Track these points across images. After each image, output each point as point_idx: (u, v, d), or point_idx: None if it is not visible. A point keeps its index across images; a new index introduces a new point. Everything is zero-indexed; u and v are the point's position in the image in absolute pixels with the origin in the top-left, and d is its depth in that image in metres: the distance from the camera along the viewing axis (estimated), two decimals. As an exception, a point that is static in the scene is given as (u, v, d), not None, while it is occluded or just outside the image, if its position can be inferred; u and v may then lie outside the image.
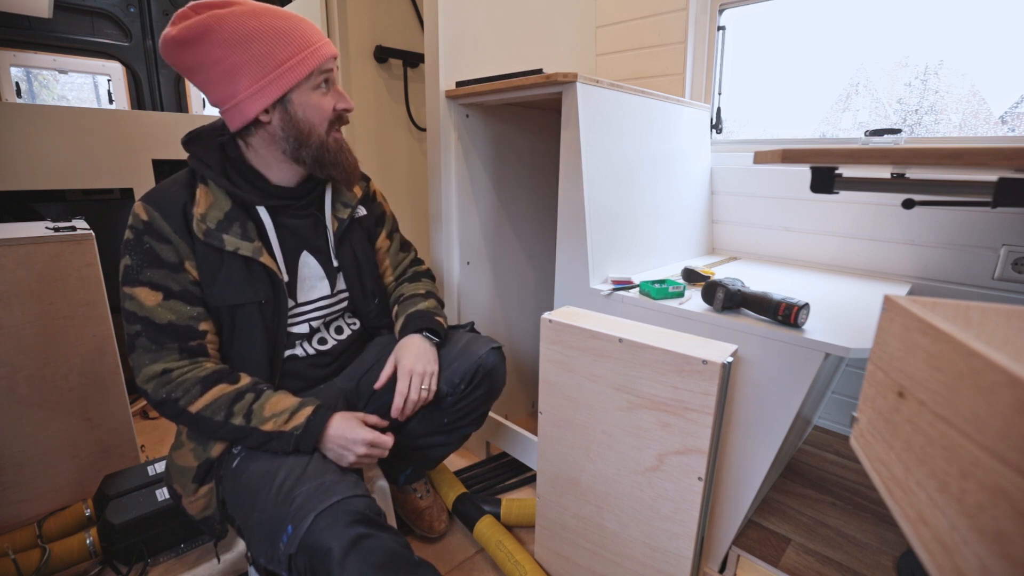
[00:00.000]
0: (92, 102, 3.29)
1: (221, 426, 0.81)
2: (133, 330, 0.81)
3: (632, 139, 1.28)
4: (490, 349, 1.04)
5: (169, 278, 0.82)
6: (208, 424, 0.81)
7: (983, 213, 1.19)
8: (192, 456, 0.86)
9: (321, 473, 0.77)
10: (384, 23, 2.04)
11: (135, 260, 0.81)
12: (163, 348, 0.81)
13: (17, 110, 1.64)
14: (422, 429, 1.08)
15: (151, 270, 0.81)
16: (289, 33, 0.80)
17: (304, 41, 0.81)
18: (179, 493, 0.87)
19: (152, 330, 0.81)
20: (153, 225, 0.81)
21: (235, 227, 0.85)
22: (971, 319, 0.35)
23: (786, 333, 0.87)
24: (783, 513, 1.14)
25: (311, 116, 0.85)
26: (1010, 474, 0.23)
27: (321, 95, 0.85)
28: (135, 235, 0.81)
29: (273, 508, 0.74)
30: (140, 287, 0.81)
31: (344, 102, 0.88)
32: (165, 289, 0.81)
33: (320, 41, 0.84)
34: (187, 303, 0.83)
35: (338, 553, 0.67)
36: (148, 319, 0.81)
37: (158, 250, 0.81)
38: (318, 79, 0.84)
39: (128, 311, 0.82)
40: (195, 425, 0.82)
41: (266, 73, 0.80)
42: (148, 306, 0.81)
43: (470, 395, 1.03)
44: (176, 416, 0.82)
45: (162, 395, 0.80)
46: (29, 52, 2.64)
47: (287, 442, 0.81)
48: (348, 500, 0.72)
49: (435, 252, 1.49)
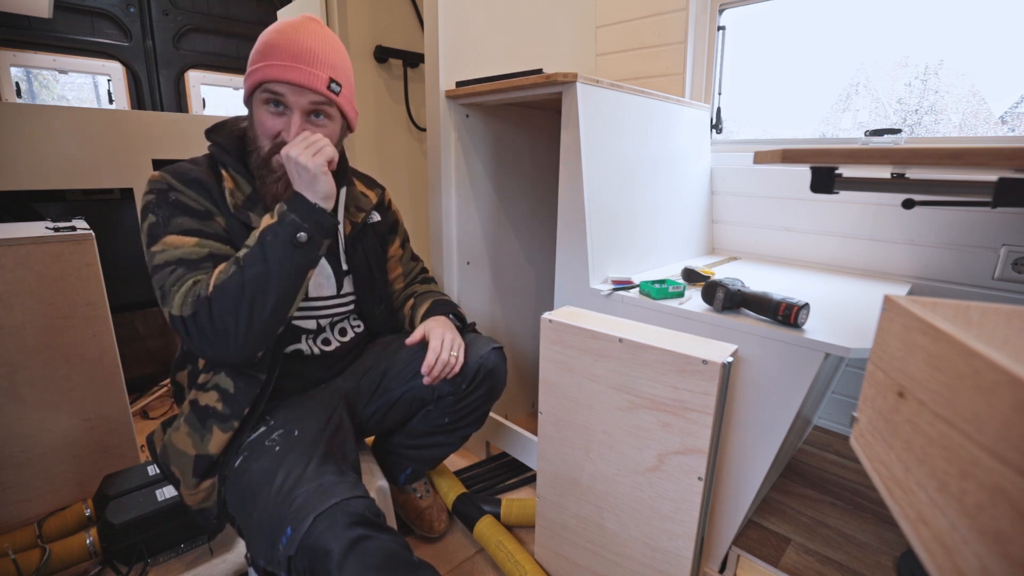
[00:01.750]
0: (92, 102, 3.29)
1: (240, 272, 0.76)
2: (167, 271, 0.77)
3: (632, 139, 1.28)
4: (491, 349, 1.04)
5: (202, 223, 0.81)
6: (230, 284, 0.75)
7: (983, 213, 1.19)
8: (190, 443, 0.84)
9: (320, 474, 0.77)
10: (384, 23, 2.04)
11: (161, 215, 0.80)
12: (198, 269, 0.79)
13: (17, 110, 1.64)
14: (422, 429, 1.08)
15: (181, 217, 0.80)
16: (266, 46, 0.84)
17: (266, 55, 0.83)
18: (177, 478, 0.85)
19: (191, 263, 0.79)
20: (175, 186, 0.82)
21: (259, 208, 0.88)
22: (971, 319, 0.35)
23: (786, 333, 0.87)
24: (783, 513, 1.14)
25: (256, 126, 0.87)
26: (1010, 474, 0.23)
27: (268, 113, 0.85)
28: (158, 194, 0.81)
29: (273, 509, 0.74)
30: (171, 236, 0.79)
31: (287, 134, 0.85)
32: (198, 232, 0.81)
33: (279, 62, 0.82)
34: (223, 243, 0.82)
35: (337, 555, 0.67)
36: (184, 258, 0.78)
37: (187, 201, 0.81)
38: (265, 95, 0.84)
39: (159, 263, 0.78)
40: (224, 300, 0.75)
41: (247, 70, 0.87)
42: (185, 247, 0.79)
43: (471, 395, 1.03)
44: (208, 313, 0.75)
45: (190, 306, 0.75)
46: (29, 52, 2.63)
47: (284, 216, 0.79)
48: (347, 501, 0.72)
49: (435, 252, 1.49)
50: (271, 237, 0.78)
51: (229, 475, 0.85)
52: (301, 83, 0.83)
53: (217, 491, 0.86)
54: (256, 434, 0.87)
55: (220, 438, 0.84)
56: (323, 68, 0.85)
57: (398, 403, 1.04)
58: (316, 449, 0.83)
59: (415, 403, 1.05)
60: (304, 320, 0.97)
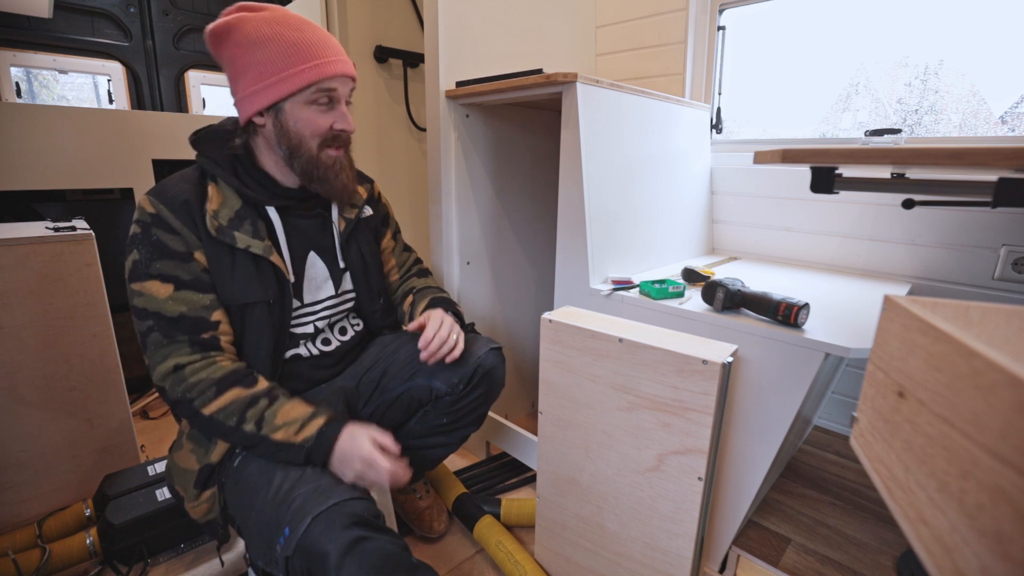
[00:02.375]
0: (92, 102, 3.29)
1: (233, 431, 0.79)
2: (145, 327, 0.80)
3: (632, 139, 1.28)
4: (489, 350, 1.04)
5: (179, 268, 0.81)
6: (221, 428, 0.80)
7: (983, 213, 1.19)
8: (194, 459, 0.85)
9: (319, 475, 0.77)
10: (384, 23, 2.04)
11: (143, 254, 0.80)
12: (174, 342, 0.80)
13: (17, 110, 1.64)
14: (421, 429, 1.08)
15: (160, 261, 0.80)
16: (295, 45, 0.81)
17: (307, 55, 0.81)
18: (181, 495, 0.86)
19: (163, 324, 0.80)
20: (160, 216, 0.81)
21: (246, 225, 0.85)
22: (971, 319, 0.35)
23: (786, 333, 0.87)
24: (783, 513, 1.14)
25: (301, 129, 0.85)
26: (1010, 474, 0.23)
27: (317, 111, 0.85)
28: (142, 228, 0.81)
29: (270, 510, 0.74)
30: (150, 280, 0.80)
31: (343, 123, 0.87)
32: (175, 280, 0.81)
33: (326, 58, 0.83)
34: (198, 291, 0.82)
35: (335, 556, 0.66)
36: (159, 314, 0.80)
37: (166, 241, 0.81)
38: (315, 95, 0.83)
39: (139, 308, 0.80)
40: (208, 427, 0.81)
41: (263, 79, 0.81)
42: (159, 299, 0.80)
43: (468, 395, 1.03)
44: (191, 417, 0.81)
45: (178, 394, 0.79)
46: (29, 52, 2.64)
47: (298, 453, 0.79)
48: (346, 503, 0.71)
49: (435, 252, 1.49)
50: (274, 450, 0.79)
51: (228, 477, 0.85)
52: (348, 73, 0.86)
53: (219, 499, 0.86)
54: None
55: (222, 446, 0.85)
56: (345, 54, 0.87)
57: (396, 403, 1.04)
58: None
59: (413, 403, 1.05)
60: (302, 326, 0.97)
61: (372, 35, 2.02)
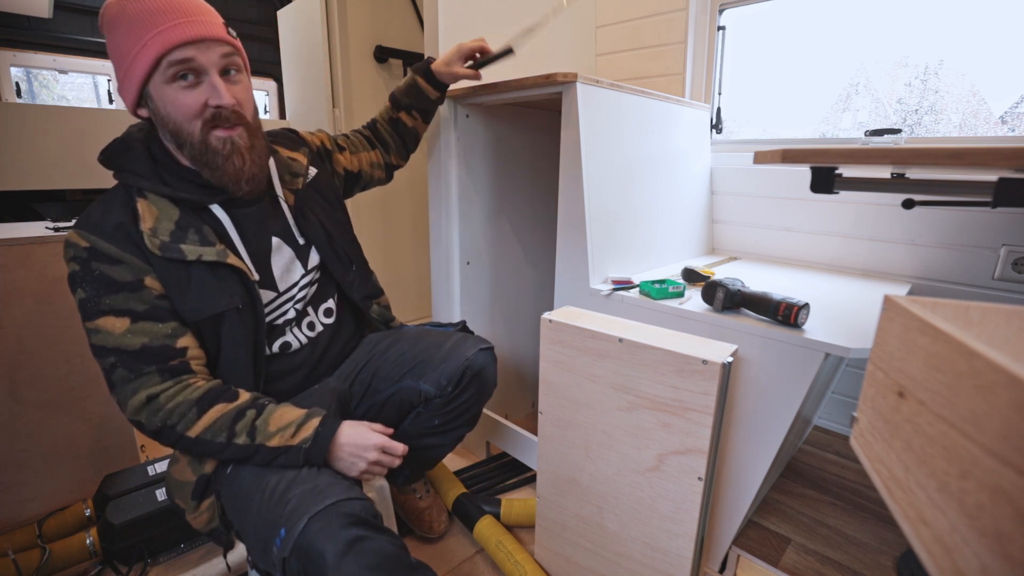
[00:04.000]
0: (92, 102, 3.29)
1: (224, 447, 0.77)
2: (107, 364, 0.75)
3: (632, 139, 1.28)
4: (479, 350, 1.02)
5: (131, 299, 0.75)
6: (211, 447, 0.77)
7: (983, 213, 1.19)
8: (189, 471, 0.83)
9: (315, 476, 0.76)
10: (384, 23, 2.04)
11: (89, 291, 0.74)
12: (141, 375, 0.75)
13: (17, 110, 1.64)
14: (415, 430, 1.07)
15: (109, 296, 0.74)
16: (139, 17, 0.70)
17: (150, 23, 0.70)
18: (182, 508, 0.85)
19: (126, 359, 0.75)
20: (96, 249, 0.74)
21: (191, 234, 0.78)
22: (971, 319, 0.35)
23: (786, 333, 0.87)
24: (783, 513, 1.14)
25: (172, 113, 0.75)
26: (1010, 474, 0.23)
27: (181, 88, 0.73)
28: (80, 264, 0.74)
29: (266, 512, 0.73)
30: (103, 317, 0.74)
31: (217, 97, 0.74)
32: (130, 312, 0.75)
33: (172, 22, 0.70)
34: (157, 321, 0.76)
35: (332, 556, 0.65)
36: (119, 349, 0.74)
37: (111, 273, 0.74)
38: (171, 69, 0.72)
39: (97, 346, 0.75)
40: (197, 449, 0.78)
41: (120, 64, 0.73)
42: (116, 334, 0.74)
43: (459, 397, 1.01)
44: (176, 443, 0.77)
45: (157, 424, 0.75)
46: (29, 52, 2.64)
47: (296, 456, 0.77)
48: (343, 503, 0.70)
49: (435, 252, 1.49)
50: (271, 457, 0.78)
51: (222, 484, 0.84)
52: (205, 35, 0.73)
53: (217, 507, 0.85)
54: None
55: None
56: (211, 15, 0.76)
57: (387, 404, 1.03)
58: None
59: (404, 405, 1.04)
60: (284, 314, 0.94)
61: (372, 35, 2.02)
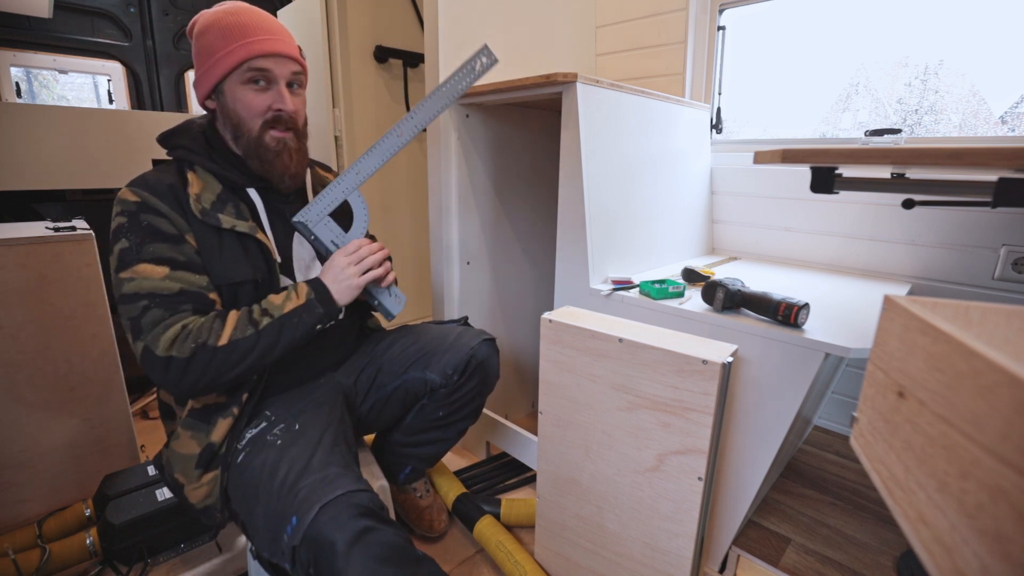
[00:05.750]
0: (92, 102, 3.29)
1: (257, 337, 0.80)
2: (138, 309, 0.77)
3: (632, 139, 1.28)
4: (482, 341, 1.06)
5: (173, 250, 0.80)
6: (243, 345, 0.80)
7: (983, 213, 1.19)
8: (194, 443, 0.85)
9: (325, 466, 0.78)
10: (384, 23, 2.04)
11: (133, 240, 0.78)
12: (178, 311, 0.78)
13: (17, 110, 1.64)
14: (418, 425, 1.09)
15: (154, 244, 0.79)
16: (232, 28, 0.84)
17: (239, 36, 0.84)
18: (180, 483, 0.85)
19: (163, 300, 0.78)
20: (147, 203, 0.80)
21: (229, 207, 0.86)
22: (971, 319, 0.35)
23: (786, 333, 0.87)
24: (783, 513, 1.14)
25: (240, 109, 0.86)
26: (1010, 474, 0.23)
27: (253, 91, 0.86)
28: (128, 217, 0.79)
29: (277, 501, 0.74)
30: (142, 264, 0.78)
31: (281, 102, 0.87)
32: (170, 261, 0.80)
33: (257, 37, 0.84)
34: (195, 272, 0.82)
35: (342, 545, 0.67)
36: (155, 293, 0.77)
37: (158, 224, 0.80)
38: (248, 74, 0.85)
39: (129, 293, 0.77)
40: (233, 355, 0.79)
41: (204, 63, 0.86)
42: (155, 279, 0.78)
43: (463, 387, 1.05)
44: (211, 360, 0.78)
45: (191, 347, 0.77)
46: (29, 52, 2.63)
47: (314, 308, 0.85)
48: (353, 494, 0.72)
49: (435, 252, 1.49)
50: (296, 319, 0.84)
51: (232, 469, 0.85)
52: (283, 52, 0.86)
53: (220, 482, 0.86)
54: (257, 429, 0.87)
55: (222, 425, 0.85)
56: (290, 37, 0.89)
57: (392, 397, 1.05)
58: (319, 442, 0.84)
59: (409, 397, 1.06)
60: None
61: (372, 35, 2.02)
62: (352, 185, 0.96)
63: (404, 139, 0.97)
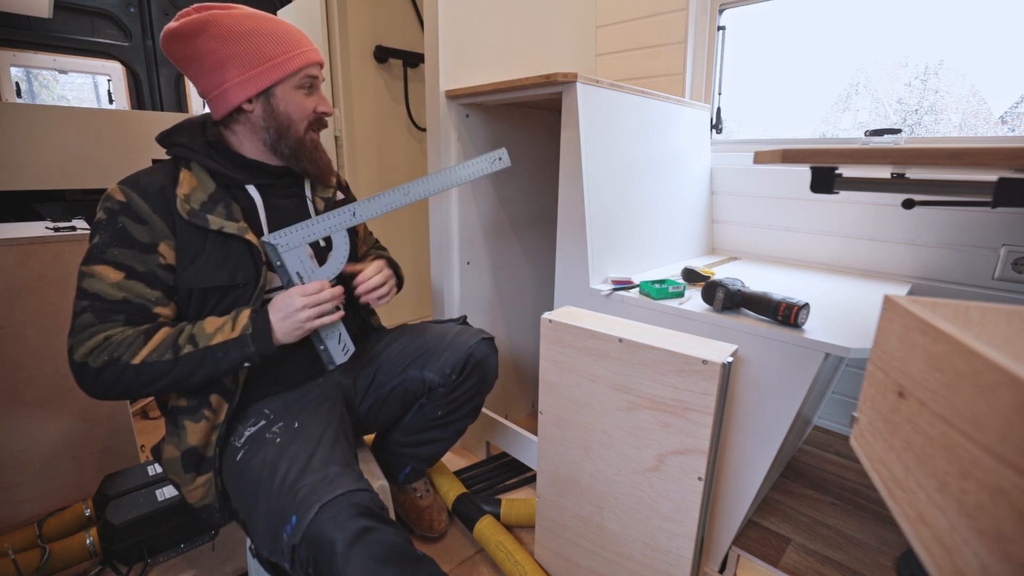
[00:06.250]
0: (92, 102, 3.29)
1: (173, 364, 0.77)
2: (79, 307, 0.77)
3: (632, 139, 1.28)
4: (480, 340, 1.06)
5: (136, 259, 0.79)
6: (157, 368, 0.77)
7: (983, 213, 1.19)
8: (172, 447, 0.85)
9: (325, 465, 0.78)
10: (384, 23, 2.04)
11: (103, 238, 0.79)
12: (108, 321, 0.77)
13: (17, 110, 1.64)
14: (417, 425, 1.09)
15: (118, 249, 0.79)
16: (281, 35, 0.87)
17: (293, 43, 0.87)
18: (177, 483, 0.87)
19: (101, 306, 0.77)
20: (131, 205, 0.80)
21: (219, 208, 0.85)
22: (971, 319, 0.35)
23: (786, 333, 0.87)
24: (783, 513, 1.14)
25: (291, 112, 0.89)
26: (1010, 474, 0.23)
27: (304, 95, 0.90)
28: (108, 216, 0.79)
29: (276, 500, 0.74)
30: (102, 265, 0.78)
31: (325, 105, 0.93)
32: (128, 269, 0.79)
33: (309, 47, 0.90)
34: (148, 285, 0.80)
35: (342, 545, 0.67)
36: (99, 295, 0.77)
37: (132, 230, 0.79)
38: (302, 80, 0.89)
39: (80, 288, 0.78)
40: (143, 376, 0.76)
41: (254, 65, 0.85)
42: (105, 282, 0.78)
43: (461, 386, 1.05)
44: (120, 376, 0.76)
45: (103, 359, 0.75)
46: (29, 52, 2.64)
47: (243, 345, 0.80)
48: (353, 493, 0.72)
49: (435, 252, 1.49)
50: (221, 355, 0.80)
51: (231, 470, 0.85)
52: (322, 62, 0.93)
53: (215, 486, 0.86)
54: (256, 427, 0.87)
55: (194, 429, 0.84)
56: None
57: (391, 396, 1.06)
58: (319, 441, 0.84)
59: (408, 396, 1.06)
60: None
61: (372, 35, 2.02)
62: (343, 224, 0.93)
63: (409, 199, 0.98)
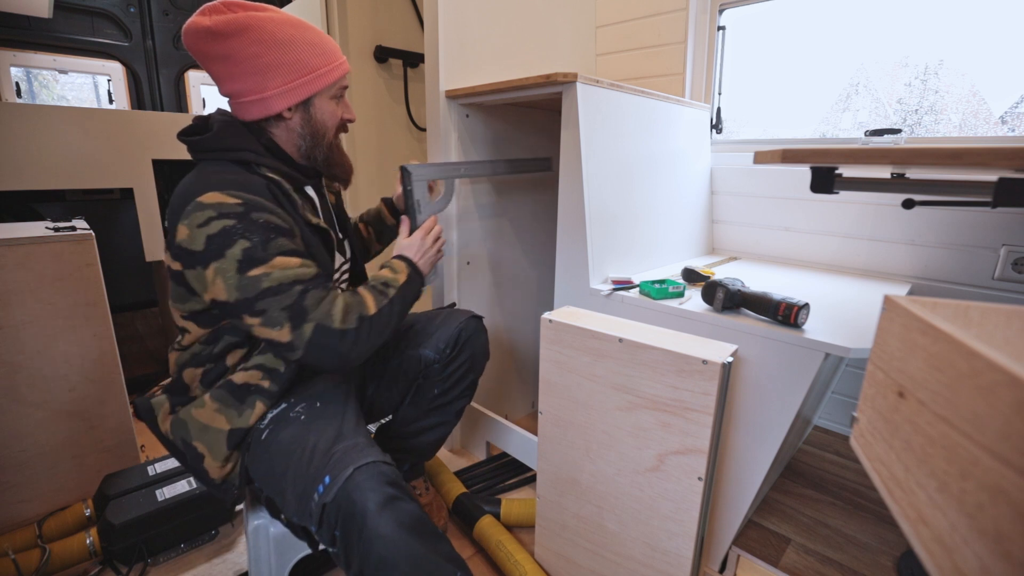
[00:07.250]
0: (92, 102, 3.29)
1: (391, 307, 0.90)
2: (295, 293, 0.79)
3: (632, 139, 1.28)
4: (469, 317, 1.13)
5: (292, 242, 0.83)
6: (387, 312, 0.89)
7: (983, 213, 1.19)
8: (223, 418, 0.84)
9: (355, 434, 0.81)
10: (384, 23, 2.04)
11: (256, 239, 0.77)
12: (331, 289, 0.86)
13: (17, 110, 1.64)
14: (416, 412, 1.12)
15: (279, 239, 0.80)
16: (322, 47, 0.91)
17: (333, 56, 0.92)
18: (201, 453, 0.84)
19: (314, 282, 0.82)
20: (253, 203, 0.79)
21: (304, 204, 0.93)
22: (971, 319, 0.35)
23: (786, 333, 0.87)
24: (783, 513, 1.14)
25: (326, 120, 0.94)
26: (1010, 474, 0.23)
27: (335, 103, 0.95)
28: (238, 219, 0.77)
29: (308, 464, 0.77)
30: (276, 258, 0.78)
31: (349, 113, 0.99)
32: (296, 253, 0.82)
33: (343, 58, 0.96)
34: (315, 259, 0.88)
35: (374, 505, 0.70)
36: (301, 279, 0.80)
37: (273, 220, 0.80)
38: (337, 90, 0.94)
39: (272, 287, 0.77)
40: (381, 322, 0.87)
41: (299, 76, 0.88)
42: (294, 268, 0.80)
43: (455, 360, 1.10)
44: (370, 328, 0.86)
45: (355, 318, 0.84)
46: (29, 52, 2.64)
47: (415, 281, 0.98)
48: (381, 463, 0.75)
49: (435, 252, 1.49)
50: (408, 290, 0.95)
51: (254, 447, 0.85)
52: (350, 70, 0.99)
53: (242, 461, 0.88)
54: (278, 409, 0.88)
55: (260, 410, 0.87)
56: None
57: (393, 374, 1.10)
58: (343, 416, 0.87)
59: (407, 376, 1.10)
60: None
61: (372, 35, 2.02)
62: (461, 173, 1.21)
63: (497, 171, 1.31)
